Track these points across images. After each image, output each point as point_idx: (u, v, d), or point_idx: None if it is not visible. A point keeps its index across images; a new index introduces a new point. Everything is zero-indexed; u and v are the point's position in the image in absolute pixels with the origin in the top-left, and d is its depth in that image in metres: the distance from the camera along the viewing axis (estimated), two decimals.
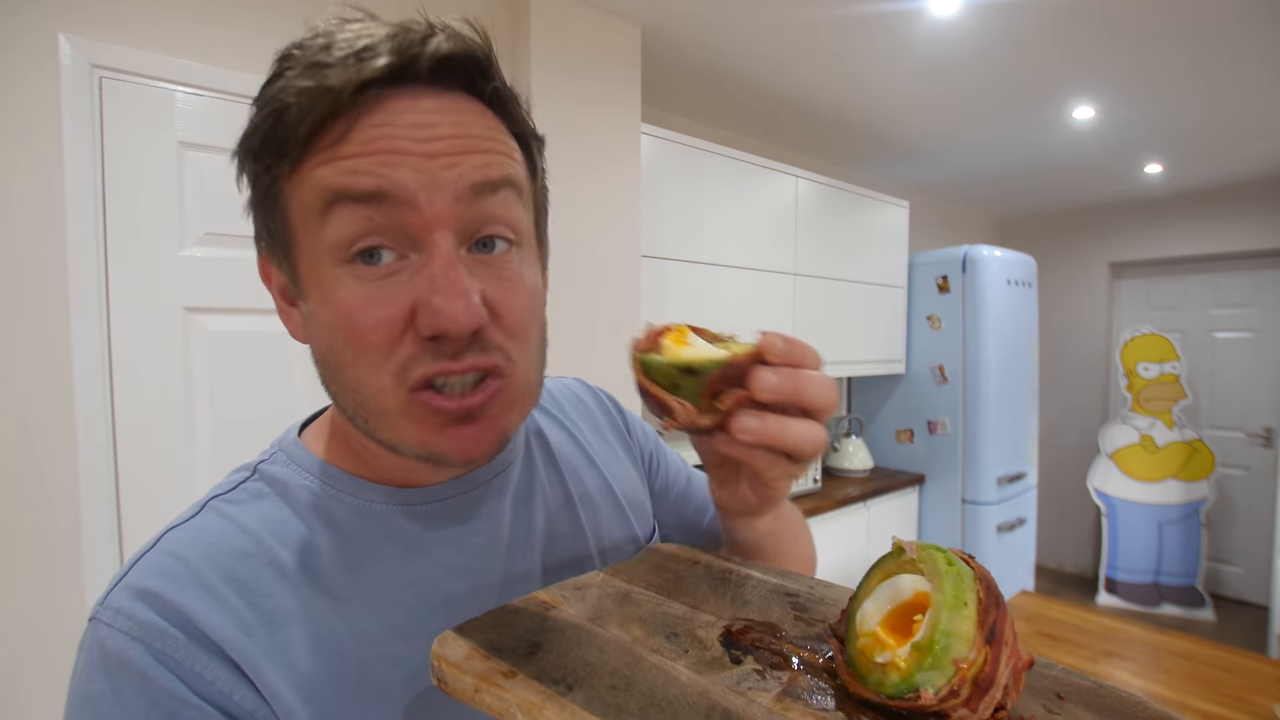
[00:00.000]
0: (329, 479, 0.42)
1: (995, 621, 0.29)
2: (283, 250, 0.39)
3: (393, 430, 0.38)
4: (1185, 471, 3.49)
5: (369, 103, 0.35)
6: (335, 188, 0.35)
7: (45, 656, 1.15)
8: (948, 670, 0.28)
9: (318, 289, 0.37)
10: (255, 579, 0.37)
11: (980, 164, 3.21)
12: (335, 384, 0.39)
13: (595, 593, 0.40)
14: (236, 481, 0.42)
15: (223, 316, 1.32)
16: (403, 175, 0.34)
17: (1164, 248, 3.84)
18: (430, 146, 0.35)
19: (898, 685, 0.29)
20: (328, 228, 0.35)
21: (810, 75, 2.18)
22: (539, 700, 0.29)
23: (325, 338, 0.38)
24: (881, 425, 3.23)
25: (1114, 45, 1.97)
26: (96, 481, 1.19)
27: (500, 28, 1.69)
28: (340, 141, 0.35)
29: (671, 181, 2.05)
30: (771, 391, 0.35)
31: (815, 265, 2.60)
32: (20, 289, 1.13)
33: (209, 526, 0.39)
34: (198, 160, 1.28)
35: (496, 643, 0.33)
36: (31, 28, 1.13)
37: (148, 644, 0.34)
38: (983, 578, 0.30)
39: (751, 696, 0.31)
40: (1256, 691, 1.30)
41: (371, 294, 0.35)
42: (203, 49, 1.29)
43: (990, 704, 0.29)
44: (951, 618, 0.28)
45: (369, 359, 0.36)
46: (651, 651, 0.34)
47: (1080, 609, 1.72)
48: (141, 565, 0.37)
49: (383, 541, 0.41)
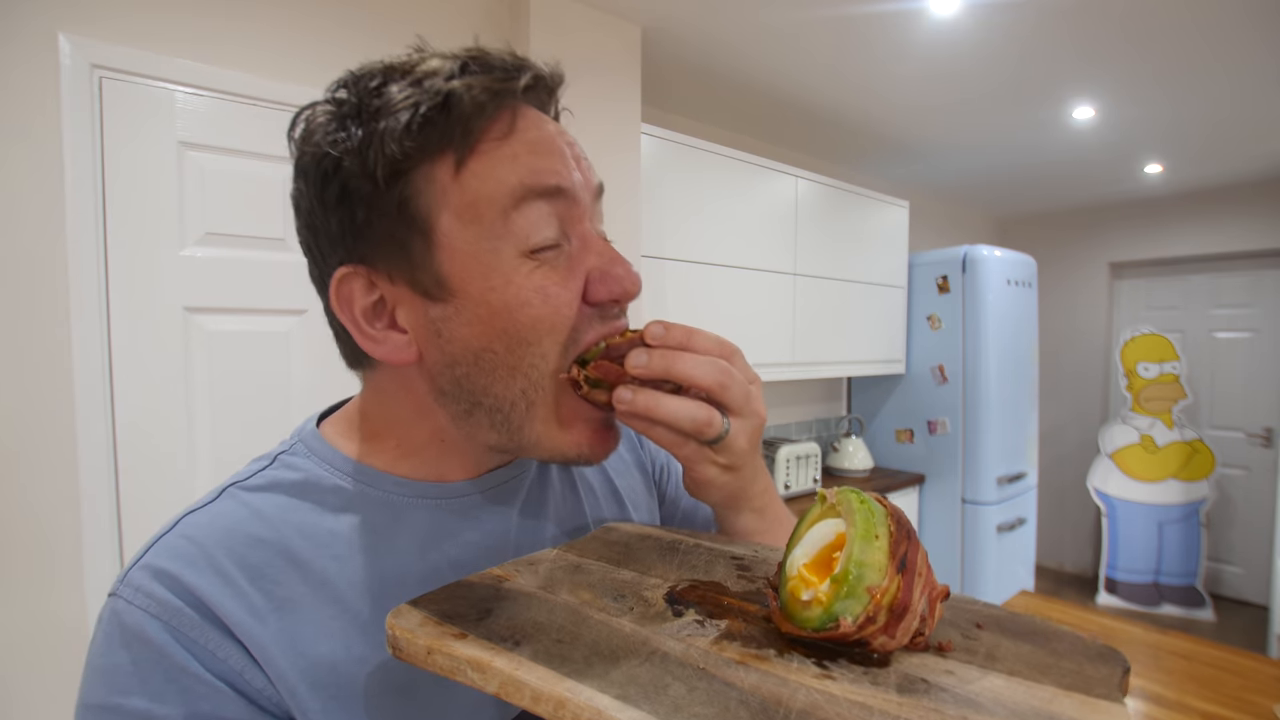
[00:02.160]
0: (349, 470, 0.43)
1: (906, 552, 0.31)
2: (405, 255, 0.38)
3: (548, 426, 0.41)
4: (1185, 471, 3.49)
5: (519, 106, 0.40)
6: (524, 184, 0.38)
7: (45, 657, 1.15)
8: (863, 598, 0.30)
9: (484, 280, 0.38)
10: (267, 566, 0.38)
11: (980, 164, 3.21)
12: (493, 375, 0.40)
13: (547, 566, 0.42)
14: (255, 469, 0.43)
15: (223, 316, 1.32)
16: (570, 173, 0.40)
17: (1164, 248, 3.84)
18: (574, 150, 0.42)
19: (820, 618, 0.31)
20: (515, 221, 0.38)
21: (810, 75, 2.18)
22: (487, 656, 0.31)
23: (499, 323, 0.39)
24: (881, 425, 3.23)
25: (1114, 45, 1.97)
26: (96, 481, 1.19)
27: (500, 27, 1.69)
28: (505, 138, 0.38)
29: (671, 181, 2.05)
30: (641, 368, 0.40)
31: (815, 265, 2.60)
32: (20, 289, 1.13)
33: (225, 512, 0.40)
34: (198, 160, 1.28)
35: (449, 611, 0.35)
36: (31, 27, 1.13)
37: (164, 621, 0.35)
38: (894, 514, 0.33)
39: (690, 642, 0.33)
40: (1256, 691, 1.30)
41: (554, 278, 0.39)
42: (203, 49, 1.29)
43: (907, 630, 0.31)
44: (864, 549, 0.31)
45: (557, 334, 0.40)
46: (598, 611, 0.36)
47: (1080, 609, 1.72)
48: (159, 547, 0.38)
49: (398, 533, 0.43)
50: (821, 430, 3.24)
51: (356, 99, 0.38)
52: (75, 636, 1.18)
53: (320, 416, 0.49)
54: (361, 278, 0.40)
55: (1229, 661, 1.42)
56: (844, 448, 3.01)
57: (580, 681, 0.29)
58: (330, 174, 0.38)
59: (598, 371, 0.41)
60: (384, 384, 0.44)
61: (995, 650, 0.32)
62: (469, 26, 1.64)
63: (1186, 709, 1.24)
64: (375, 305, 0.40)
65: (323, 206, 0.39)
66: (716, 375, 0.40)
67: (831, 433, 3.27)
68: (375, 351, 0.41)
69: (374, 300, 0.40)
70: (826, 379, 3.28)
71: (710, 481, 0.45)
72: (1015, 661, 0.31)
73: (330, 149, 0.37)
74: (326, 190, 0.38)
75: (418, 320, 0.40)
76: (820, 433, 3.22)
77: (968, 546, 2.91)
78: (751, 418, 0.43)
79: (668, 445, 0.42)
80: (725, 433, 0.42)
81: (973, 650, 0.32)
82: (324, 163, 0.38)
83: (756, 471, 0.47)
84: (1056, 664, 0.31)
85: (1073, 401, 4.19)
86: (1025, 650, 0.32)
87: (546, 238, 0.39)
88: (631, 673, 0.30)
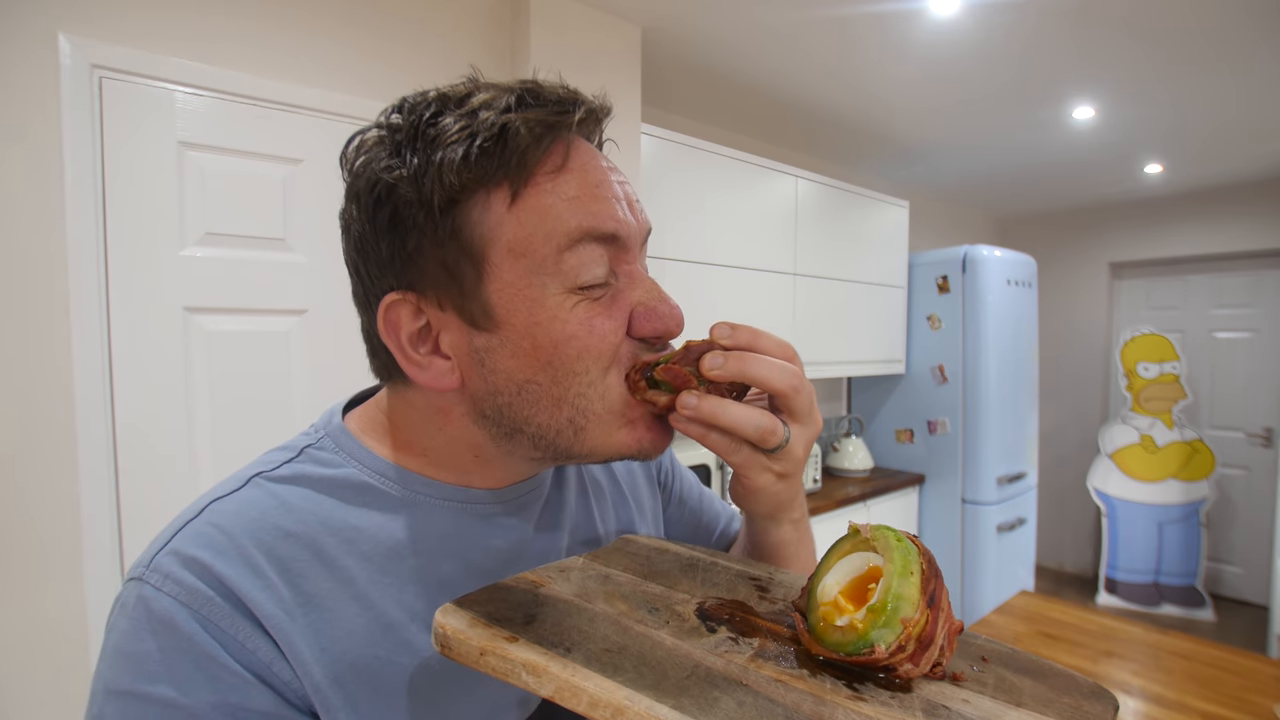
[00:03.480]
0: (378, 469, 0.43)
1: (934, 589, 0.34)
2: (456, 283, 0.39)
3: (606, 432, 0.41)
4: (1185, 471, 3.49)
5: (573, 139, 0.40)
6: (584, 227, 0.39)
7: (45, 657, 1.15)
8: (897, 628, 0.32)
9: (529, 314, 0.39)
10: (295, 560, 0.38)
11: (980, 164, 3.21)
12: (536, 405, 0.40)
13: (578, 574, 0.43)
14: (280, 460, 0.43)
15: (223, 316, 1.32)
16: (627, 218, 0.41)
17: (1164, 248, 3.84)
18: (626, 190, 0.42)
19: (855, 643, 0.33)
20: (568, 260, 0.39)
21: (810, 75, 2.18)
22: (542, 660, 0.32)
23: (544, 355, 0.39)
24: (881, 425, 3.23)
25: (1114, 45, 1.97)
26: (96, 481, 1.19)
27: (500, 27, 1.69)
28: (560, 170, 0.39)
29: (671, 181, 2.05)
30: (717, 370, 0.40)
31: (815, 265, 2.60)
32: (20, 289, 1.13)
33: (253, 501, 0.40)
34: (198, 160, 1.28)
35: (495, 614, 0.36)
36: (31, 27, 1.13)
37: (194, 609, 0.35)
38: (924, 553, 0.35)
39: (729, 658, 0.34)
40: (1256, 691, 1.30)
41: (599, 310, 0.40)
42: (203, 49, 1.29)
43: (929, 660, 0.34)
44: (901, 583, 0.33)
45: (602, 362, 0.40)
46: (636, 622, 0.37)
47: (1080, 609, 1.72)
48: (186, 533, 0.38)
49: (424, 535, 0.43)
50: (821, 430, 3.23)
51: (412, 127, 0.38)
52: (74, 637, 1.18)
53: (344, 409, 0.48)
54: (410, 304, 0.40)
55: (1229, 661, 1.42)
56: (844, 448, 3.01)
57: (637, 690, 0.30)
58: (383, 199, 0.38)
59: (666, 374, 0.41)
60: (416, 401, 0.44)
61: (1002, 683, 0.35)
62: (470, 26, 1.64)
63: (1186, 709, 1.24)
64: (421, 331, 0.41)
65: (374, 231, 0.39)
66: (789, 379, 0.41)
67: (831, 433, 3.27)
68: (418, 376, 0.41)
69: (420, 326, 0.41)
70: (826, 379, 3.28)
71: (762, 489, 0.45)
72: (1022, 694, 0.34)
73: (384, 175, 0.38)
74: (378, 215, 0.39)
75: (462, 348, 0.40)
76: (820, 433, 3.22)
77: (968, 546, 2.91)
78: (811, 425, 0.44)
79: (722, 451, 0.42)
80: (786, 441, 0.42)
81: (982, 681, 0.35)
82: (377, 188, 0.38)
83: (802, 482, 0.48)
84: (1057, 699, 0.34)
85: (1073, 401, 4.19)
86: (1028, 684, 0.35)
87: (596, 276, 0.40)
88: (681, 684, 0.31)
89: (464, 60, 1.63)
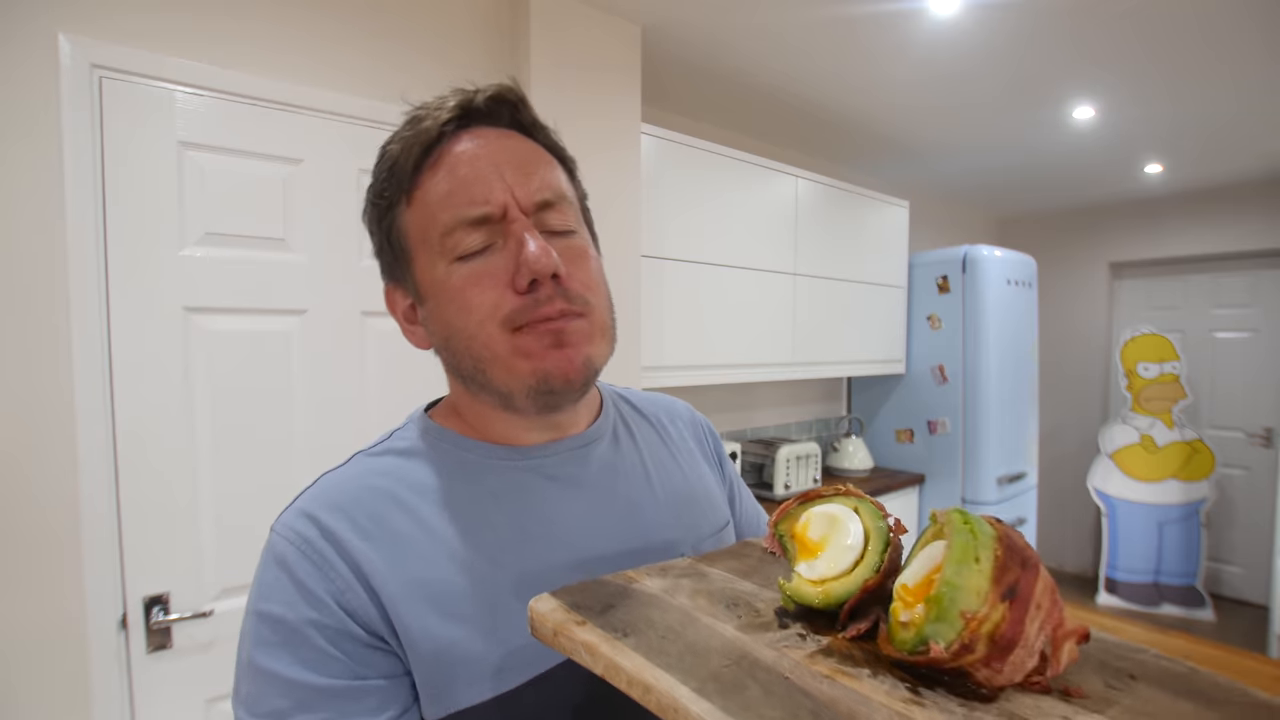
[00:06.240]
0: (442, 438, 0.55)
1: (1016, 581, 0.29)
2: (404, 270, 0.53)
3: (507, 371, 0.49)
4: (1185, 471, 3.49)
5: (448, 138, 0.50)
6: (455, 220, 0.48)
7: (45, 657, 1.15)
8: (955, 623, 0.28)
9: (435, 286, 0.50)
10: (379, 506, 0.49)
11: (980, 164, 3.21)
12: (457, 354, 0.51)
13: (676, 571, 0.47)
14: (376, 442, 0.56)
15: (223, 316, 1.32)
16: (496, 194, 0.48)
17: (1164, 248, 3.84)
18: (504, 166, 0.49)
19: (913, 640, 0.30)
20: (446, 244, 0.49)
21: (810, 75, 2.18)
22: (597, 642, 0.36)
23: (445, 319, 0.50)
24: (881, 425, 3.23)
25: (1114, 45, 1.97)
26: (96, 481, 1.19)
27: (500, 27, 1.69)
28: (435, 167, 0.49)
29: (671, 181, 2.05)
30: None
31: (815, 265, 2.60)
32: (20, 289, 1.13)
33: (352, 471, 0.53)
34: (198, 160, 1.28)
35: (579, 603, 0.41)
36: (31, 27, 1.13)
37: (304, 551, 0.47)
38: (1003, 537, 0.30)
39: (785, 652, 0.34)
40: None
41: (477, 269, 0.49)
42: (203, 49, 1.28)
43: (1019, 667, 0.28)
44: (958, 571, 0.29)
45: (480, 314, 0.48)
46: (707, 615, 0.39)
47: (1080, 609, 1.72)
48: (305, 497, 0.50)
49: (479, 487, 0.52)
50: (821, 430, 3.24)
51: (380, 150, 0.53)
52: (74, 637, 1.18)
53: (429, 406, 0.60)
54: (395, 290, 0.55)
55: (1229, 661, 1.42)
56: (844, 448, 3.01)
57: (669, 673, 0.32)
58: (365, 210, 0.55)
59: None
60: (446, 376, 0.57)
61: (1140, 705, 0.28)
62: (470, 26, 1.64)
63: None
64: (410, 308, 0.54)
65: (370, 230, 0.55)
66: None
67: (832, 433, 3.27)
68: (411, 340, 0.55)
69: (408, 304, 0.55)
70: (826, 379, 3.28)
71: None
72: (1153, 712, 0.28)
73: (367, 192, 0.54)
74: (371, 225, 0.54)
75: (419, 318, 0.54)
76: (820, 433, 3.22)
77: None
78: None
79: None
80: None
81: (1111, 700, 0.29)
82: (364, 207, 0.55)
83: None
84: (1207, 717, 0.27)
85: (1073, 401, 4.18)
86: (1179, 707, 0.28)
87: (470, 246, 0.48)
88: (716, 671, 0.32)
89: (464, 60, 1.63)
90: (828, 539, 0.39)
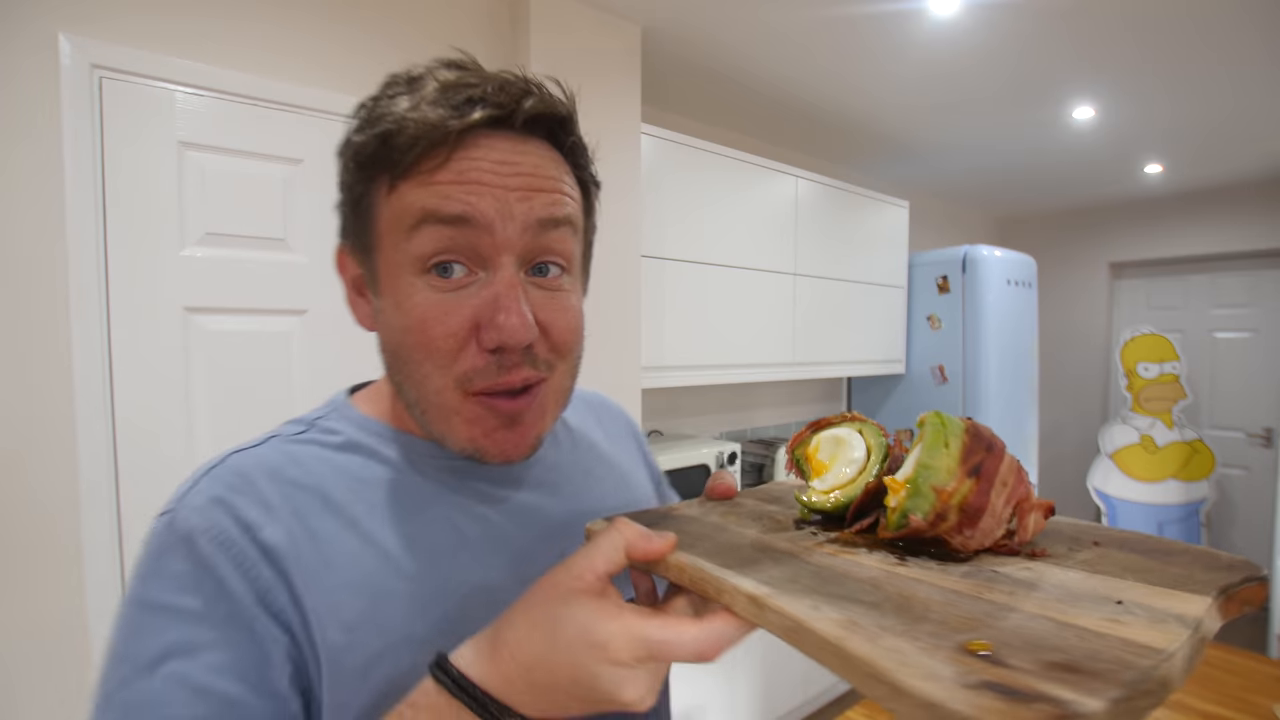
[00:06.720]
0: (373, 430, 0.49)
1: (981, 461, 0.34)
2: (364, 250, 0.45)
3: (446, 425, 0.44)
4: (1185, 472, 3.49)
5: (466, 140, 0.41)
6: (426, 209, 0.41)
7: (45, 657, 1.15)
8: (929, 496, 0.33)
9: (394, 291, 0.43)
10: (305, 505, 0.43)
11: (980, 164, 3.21)
12: (400, 375, 0.45)
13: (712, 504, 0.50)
14: (294, 430, 0.49)
15: (223, 316, 1.32)
16: (485, 204, 0.41)
17: (1164, 248, 3.84)
18: (509, 180, 0.42)
19: (898, 518, 0.35)
20: (413, 242, 0.41)
21: (810, 75, 2.18)
22: None
23: (396, 336, 0.44)
24: None
25: (1114, 45, 1.97)
26: (96, 481, 1.19)
27: (500, 27, 1.69)
28: (438, 169, 0.41)
29: (671, 181, 2.05)
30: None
31: (815, 265, 2.60)
32: (20, 289, 1.13)
33: (269, 455, 0.45)
34: (198, 160, 1.28)
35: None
36: (31, 27, 1.13)
37: (214, 537, 0.40)
38: (970, 428, 0.36)
39: (797, 542, 0.38)
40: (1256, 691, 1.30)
41: (443, 303, 0.42)
42: (203, 49, 1.28)
43: (988, 533, 0.33)
44: (930, 454, 0.35)
45: (435, 361, 0.42)
46: (734, 524, 0.43)
47: None
48: (211, 477, 0.43)
49: (412, 485, 0.47)
50: None
51: (371, 99, 0.44)
52: (74, 637, 1.18)
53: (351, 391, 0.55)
54: (350, 255, 0.47)
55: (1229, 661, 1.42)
56: None
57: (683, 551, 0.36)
58: (337, 155, 0.46)
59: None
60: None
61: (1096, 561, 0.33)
62: (470, 26, 1.64)
63: (1186, 709, 1.24)
64: (360, 278, 0.47)
65: (338, 181, 0.46)
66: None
67: None
68: (354, 313, 0.48)
69: (359, 274, 0.47)
70: (826, 379, 3.28)
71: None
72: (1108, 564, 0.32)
73: (344, 134, 0.45)
74: (338, 166, 0.46)
75: (373, 302, 0.46)
76: None
77: None
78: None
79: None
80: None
81: (1072, 558, 0.34)
82: (340, 144, 0.45)
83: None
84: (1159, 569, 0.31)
85: (1073, 401, 4.18)
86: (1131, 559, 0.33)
87: (436, 260, 0.41)
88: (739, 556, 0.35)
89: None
90: (835, 457, 0.45)
